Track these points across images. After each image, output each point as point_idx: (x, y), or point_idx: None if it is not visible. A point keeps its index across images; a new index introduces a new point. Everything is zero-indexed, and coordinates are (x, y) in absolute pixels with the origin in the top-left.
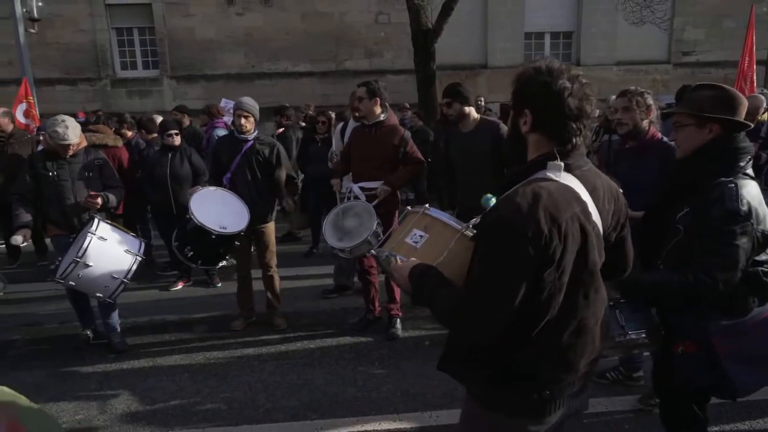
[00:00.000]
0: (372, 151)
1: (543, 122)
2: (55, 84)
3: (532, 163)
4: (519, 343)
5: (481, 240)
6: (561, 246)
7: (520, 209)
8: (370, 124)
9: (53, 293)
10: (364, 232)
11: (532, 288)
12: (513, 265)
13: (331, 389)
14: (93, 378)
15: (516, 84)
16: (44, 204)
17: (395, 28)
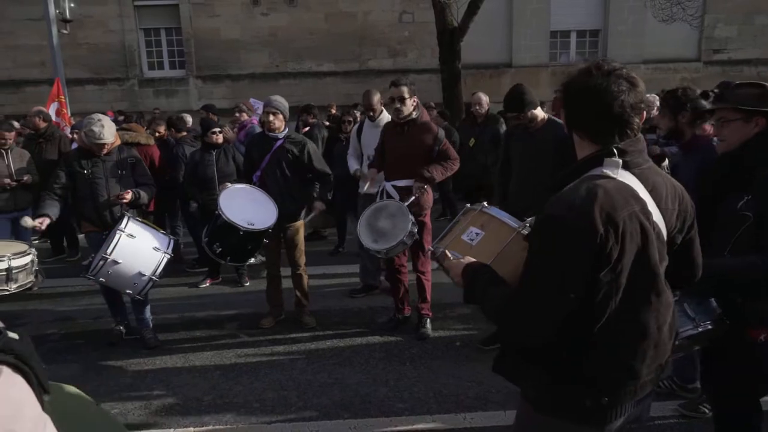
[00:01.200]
0: (405, 149)
1: (574, 121)
2: (84, 84)
3: (586, 160)
4: (576, 346)
5: (534, 238)
6: (618, 246)
7: (574, 207)
8: (403, 122)
9: (86, 289)
10: (399, 234)
11: (588, 289)
12: (568, 264)
13: (363, 389)
14: (128, 373)
15: None
16: (79, 201)
17: (419, 27)
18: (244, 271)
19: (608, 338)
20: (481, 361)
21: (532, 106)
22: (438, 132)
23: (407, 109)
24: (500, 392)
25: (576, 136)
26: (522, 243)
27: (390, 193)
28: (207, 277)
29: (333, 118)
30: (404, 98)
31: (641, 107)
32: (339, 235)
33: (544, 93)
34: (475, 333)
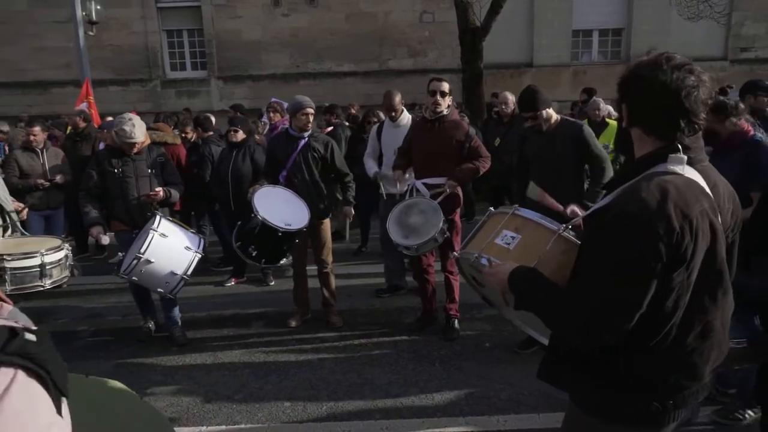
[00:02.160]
0: (435, 146)
1: (638, 117)
2: (108, 85)
3: (650, 156)
4: (640, 347)
5: (600, 237)
6: (692, 244)
7: (648, 205)
8: (432, 119)
9: (114, 286)
10: (431, 230)
11: (659, 289)
12: (642, 264)
13: (394, 389)
14: (158, 370)
15: (620, 78)
16: (109, 200)
17: (439, 26)
18: (269, 270)
19: (673, 339)
20: (512, 363)
21: (545, 105)
22: (468, 129)
23: (445, 103)
24: (532, 395)
25: (638, 131)
26: (562, 245)
27: (420, 191)
28: (232, 276)
29: (353, 118)
30: (445, 93)
31: (708, 103)
32: (362, 235)
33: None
34: (504, 334)
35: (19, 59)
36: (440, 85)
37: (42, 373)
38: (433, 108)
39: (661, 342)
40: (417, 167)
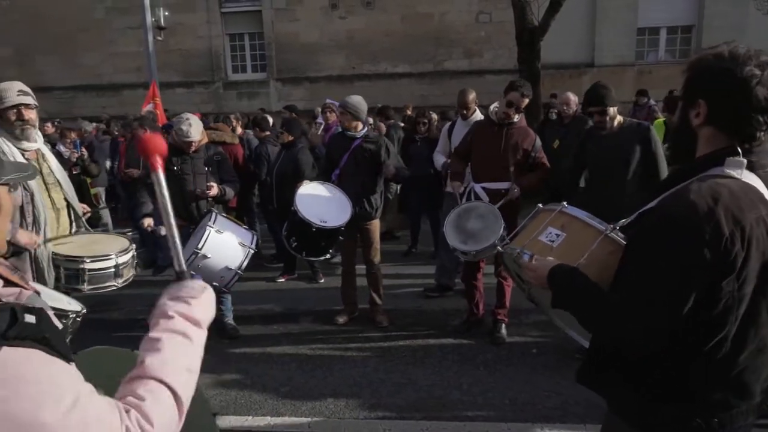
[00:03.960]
0: (500, 152)
1: (721, 114)
2: (174, 87)
3: (705, 158)
4: (686, 359)
5: (644, 240)
6: (743, 252)
7: (696, 207)
8: (501, 125)
9: (165, 280)
10: (491, 236)
11: (706, 298)
12: (684, 269)
13: (436, 391)
14: (210, 360)
15: (689, 72)
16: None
17: (496, 27)
18: (318, 268)
19: (724, 353)
20: (559, 370)
21: (613, 102)
22: (536, 139)
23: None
24: (580, 404)
25: (711, 130)
26: (608, 246)
27: (479, 195)
28: (283, 273)
29: (408, 119)
30: (521, 108)
31: None
32: (412, 236)
33: (627, 94)
34: (552, 341)
35: (97, 64)
36: (522, 102)
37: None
38: (504, 117)
39: (709, 354)
40: (476, 171)
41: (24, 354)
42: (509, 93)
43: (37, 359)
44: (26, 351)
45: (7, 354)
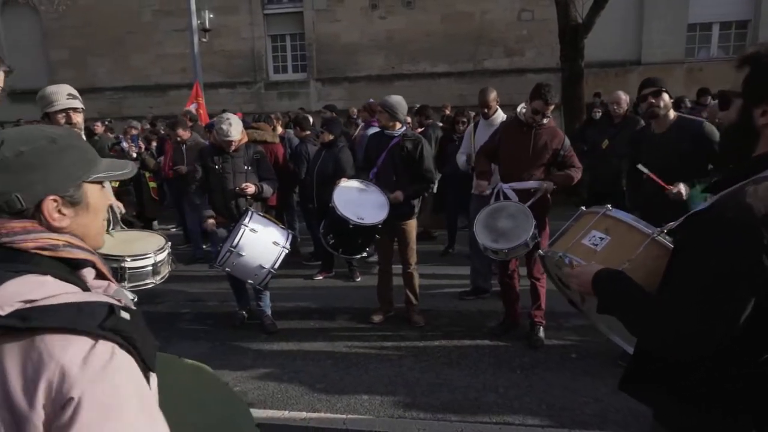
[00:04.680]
0: (528, 151)
1: None
2: (218, 87)
3: (760, 159)
4: (736, 368)
5: (695, 242)
6: None
7: (753, 211)
8: (530, 125)
9: (214, 274)
10: (522, 234)
11: (763, 306)
12: (739, 276)
13: (472, 392)
14: (249, 354)
15: (753, 67)
16: (210, 194)
17: (538, 25)
18: (355, 266)
19: None
20: (600, 376)
21: (668, 90)
22: (564, 139)
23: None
24: (621, 412)
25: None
26: (655, 250)
27: (508, 195)
28: (321, 271)
29: (447, 118)
30: (547, 114)
31: None
32: (449, 236)
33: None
34: (592, 346)
35: (145, 65)
36: (545, 109)
37: (130, 349)
38: (533, 120)
39: (761, 365)
40: (504, 171)
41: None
42: (534, 101)
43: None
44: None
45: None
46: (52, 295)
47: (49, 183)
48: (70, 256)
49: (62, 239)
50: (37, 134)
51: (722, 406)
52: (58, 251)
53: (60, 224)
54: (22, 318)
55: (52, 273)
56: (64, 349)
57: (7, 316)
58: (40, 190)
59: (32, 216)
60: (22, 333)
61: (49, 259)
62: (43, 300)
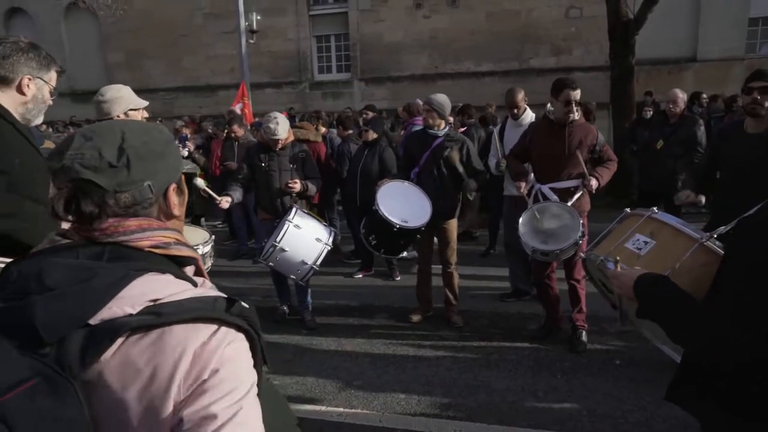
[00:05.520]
0: (564, 151)
1: None
2: (264, 87)
3: None
4: None
5: (747, 247)
6: None
7: None
8: (561, 124)
9: (258, 269)
10: (571, 234)
11: None
12: None
13: (510, 395)
14: (288, 349)
15: None
16: (257, 191)
17: (587, 22)
18: (395, 265)
19: None
20: (645, 383)
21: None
22: (598, 135)
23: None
24: (667, 422)
25: None
26: (702, 256)
27: (546, 196)
28: (361, 269)
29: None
30: (578, 101)
31: None
32: (491, 237)
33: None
34: (637, 352)
35: (195, 66)
36: (576, 94)
37: (255, 336)
38: (567, 118)
39: None
40: (540, 172)
41: (237, 338)
42: (561, 93)
43: (243, 351)
44: (239, 335)
45: (226, 332)
46: (176, 292)
47: (169, 171)
48: (179, 253)
49: (172, 237)
50: (147, 126)
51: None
52: (169, 249)
53: (178, 212)
54: (156, 315)
55: (170, 271)
56: (196, 336)
57: (138, 314)
58: (164, 178)
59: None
60: (151, 329)
61: (160, 257)
62: (168, 297)
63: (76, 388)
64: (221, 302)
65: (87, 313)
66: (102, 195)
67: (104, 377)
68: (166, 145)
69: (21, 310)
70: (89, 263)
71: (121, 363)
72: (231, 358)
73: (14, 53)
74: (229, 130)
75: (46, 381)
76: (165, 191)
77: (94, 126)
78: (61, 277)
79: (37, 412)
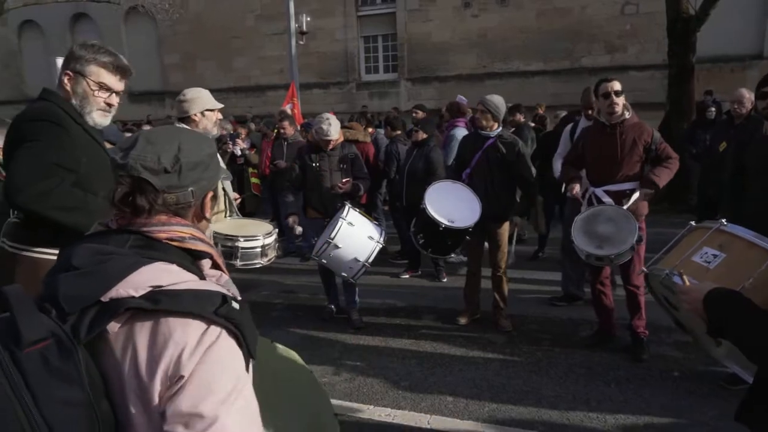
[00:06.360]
0: (617, 152)
1: None
2: (312, 88)
3: None
4: None
5: None
6: None
7: None
8: (612, 123)
9: (305, 267)
10: (628, 238)
11: None
12: None
13: (561, 403)
14: (336, 348)
15: None
16: (307, 190)
17: (644, 18)
18: (442, 267)
19: None
20: (707, 398)
21: None
22: (653, 132)
23: (621, 103)
24: None
25: None
26: None
27: (601, 199)
28: (407, 269)
29: (540, 118)
30: (619, 92)
31: None
32: (540, 240)
33: None
34: (699, 365)
35: (246, 67)
36: (613, 85)
37: (239, 335)
38: (610, 110)
39: None
40: (595, 175)
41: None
42: (599, 89)
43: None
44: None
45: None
46: (176, 282)
47: (210, 180)
48: (194, 247)
49: (188, 232)
50: (200, 139)
51: None
52: (185, 243)
53: (210, 215)
54: (154, 301)
55: (177, 262)
56: (183, 332)
57: (140, 297)
58: (205, 186)
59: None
60: (151, 314)
61: (176, 249)
62: (168, 286)
63: (78, 352)
64: (215, 299)
65: (98, 292)
66: (155, 194)
67: (110, 346)
68: (211, 158)
69: (53, 285)
70: (109, 248)
71: (124, 337)
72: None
73: (67, 57)
74: (279, 126)
75: (58, 342)
76: (204, 197)
77: (157, 131)
78: (84, 259)
79: (46, 366)
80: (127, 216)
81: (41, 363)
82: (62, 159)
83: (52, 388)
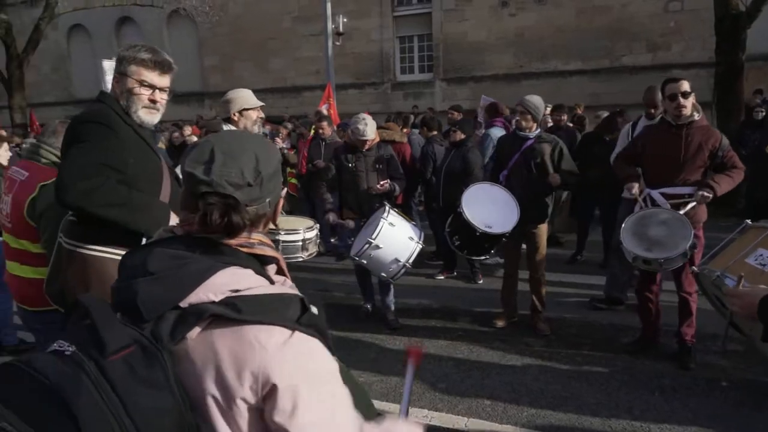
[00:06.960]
0: (680, 154)
1: None
2: (348, 88)
3: None
4: None
5: None
6: None
7: None
8: (679, 124)
9: (341, 267)
10: (680, 243)
11: None
12: None
13: (602, 411)
14: (372, 348)
15: None
16: (343, 190)
17: (689, 15)
18: (478, 268)
19: None
20: (758, 409)
21: None
22: (721, 138)
23: (689, 104)
24: None
25: None
26: None
27: (656, 201)
28: (443, 270)
29: (579, 118)
30: (687, 93)
31: None
32: (578, 243)
33: None
34: (748, 374)
35: (283, 68)
36: (680, 86)
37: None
38: (678, 113)
39: None
40: (653, 176)
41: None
42: (665, 89)
43: (318, 350)
44: (312, 340)
45: (299, 339)
46: (253, 287)
47: (279, 188)
48: (262, 253)
49: (257, 238)
50: (269, 147)
51: None
52: (254, 248)
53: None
54: (236, 309)
55: (252, 267)
56: (268, 339)
57: (219, 303)
58: (277, 194)
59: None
60: (233, 320)
61: (245, 254)
62: (246, 290)
63: (164, 357)
64: (295, 305)
65: (178, 297)
66: (245, 209)
67: (190, 353)
68: (279, 165)
69: (128, 291)
70: (183, 253)
71: (205, 343)
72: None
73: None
74: (318, 126)
75: (142, 349)
76: (276, 204)
77: (224, 140)
78: (159, 264)
79: (132, 373)
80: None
81: (127, 370)
82: (109, 159)
83: (140, 395)
